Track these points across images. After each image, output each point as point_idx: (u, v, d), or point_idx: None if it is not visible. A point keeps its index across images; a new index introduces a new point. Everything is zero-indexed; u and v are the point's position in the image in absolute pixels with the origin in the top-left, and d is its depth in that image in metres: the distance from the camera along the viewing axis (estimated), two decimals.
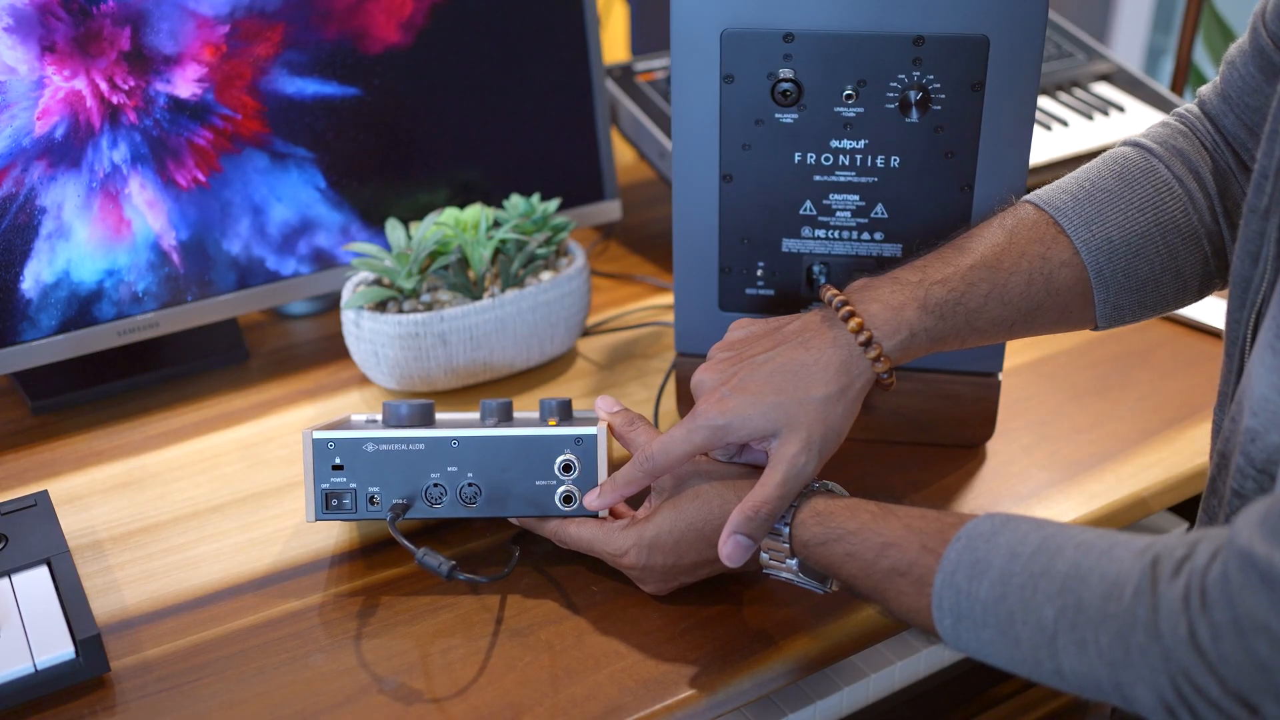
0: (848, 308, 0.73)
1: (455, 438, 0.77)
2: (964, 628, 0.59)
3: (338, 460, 0.77)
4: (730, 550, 0.69)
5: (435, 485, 0.77)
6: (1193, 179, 0.76)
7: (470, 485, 0.77)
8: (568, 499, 0.77)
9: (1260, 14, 0.70)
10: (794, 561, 0.71)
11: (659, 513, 0.74)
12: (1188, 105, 0.80)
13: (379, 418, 0.87)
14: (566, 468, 0.77)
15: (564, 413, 0.84)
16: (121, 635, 0.77)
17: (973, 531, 0.61)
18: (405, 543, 0.73)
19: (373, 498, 0.77)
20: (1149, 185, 0.76)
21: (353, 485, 0.77)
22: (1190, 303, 0.80)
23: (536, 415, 0.85)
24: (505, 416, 0.84)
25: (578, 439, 0.77)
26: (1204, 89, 0.79)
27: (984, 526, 0.61)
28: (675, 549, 0.73)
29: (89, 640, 0.71)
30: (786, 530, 0.70)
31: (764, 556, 0.72)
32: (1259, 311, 0.60)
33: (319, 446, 0.77)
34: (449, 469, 0.77)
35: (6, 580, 0.76)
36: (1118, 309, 0.77)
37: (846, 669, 0.89)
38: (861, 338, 0.72)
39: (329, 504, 0.78)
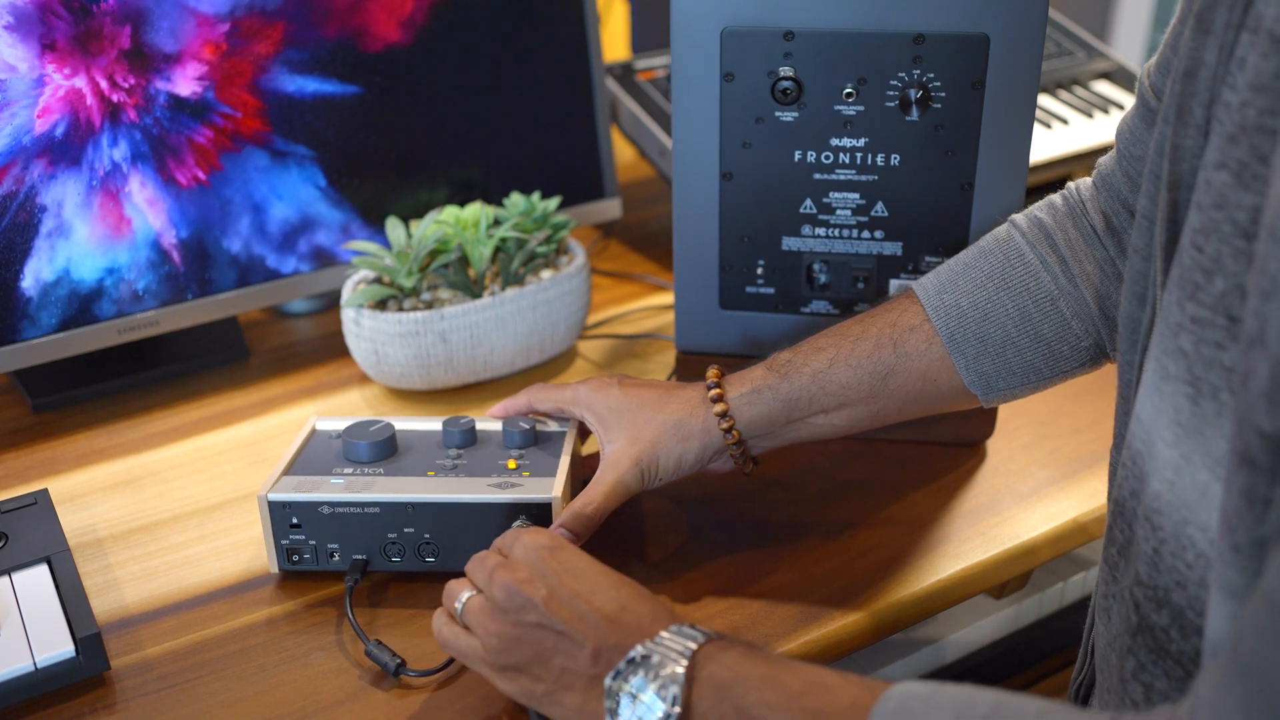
0: (713, 376, 0.80)
1: (411, 502, 0.76)
2: None
3: (295, 520, 0.77)
4: None
5: (393, 543, 0.78)
6: (1045, 245, 0.78)
7: (428, 544, 0.78)
8: None
9: (1146, 72, 0.72)
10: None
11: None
12: (1082, 179, 0.82)
13: (341, 430, 0.85)
14: None
15: (527, 439, 0.83)
16: (121, 634, 0.77)
17: (905, 692, 0.54)
18: (359, 631, 0.74)
19: (332, 553, 0.78)
20: (999, 254, 0.79)
21: (312, 542, 0.78)
22: (1084, 370, 0.79)
23: (502, 432, 0.84)
24: (468, 441, 0.83)
25: (535, 506, 0.77)
26: (1102, 159, 0.80)
27: (915, 689, 0.54)
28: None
29: (89, 639, 0.71)
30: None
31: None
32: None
33: (275, 508, 0.77)
34: (405, 529, 0.77)
35: (6, 578, 0.76)
36: (985, 376, 0.78)
37: (847, 666, 0.89)
38: (713, 392, 0.78)
39: (290, 558, 0.79)
